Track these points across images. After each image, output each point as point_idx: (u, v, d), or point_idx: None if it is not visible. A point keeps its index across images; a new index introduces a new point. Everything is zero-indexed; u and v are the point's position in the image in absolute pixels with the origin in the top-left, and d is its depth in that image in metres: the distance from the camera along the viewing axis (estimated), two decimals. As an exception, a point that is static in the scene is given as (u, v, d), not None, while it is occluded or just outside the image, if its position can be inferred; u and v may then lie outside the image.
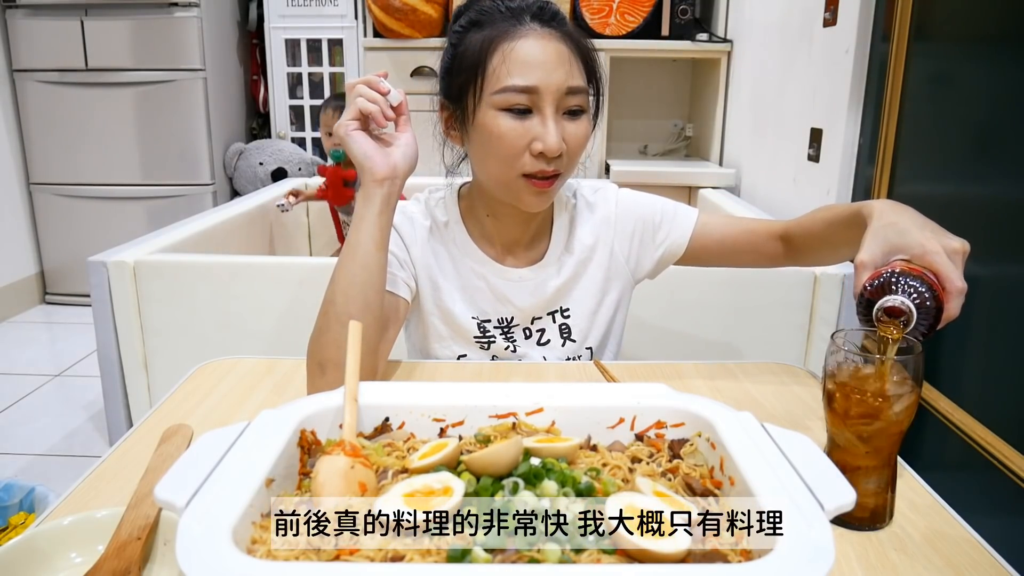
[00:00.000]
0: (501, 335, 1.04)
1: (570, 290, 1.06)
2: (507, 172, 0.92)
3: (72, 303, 3.30)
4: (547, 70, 0.89)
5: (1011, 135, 1.23)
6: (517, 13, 0.92)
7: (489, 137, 0.91)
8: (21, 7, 3.04)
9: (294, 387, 0.92)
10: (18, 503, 1.38)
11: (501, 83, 0.89)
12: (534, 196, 0.94)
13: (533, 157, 0.90)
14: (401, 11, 2.87)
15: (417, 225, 1.04)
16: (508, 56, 0.89)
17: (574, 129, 0.92)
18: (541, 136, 0.89)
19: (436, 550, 0.49)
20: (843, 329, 0.68)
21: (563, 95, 0.90)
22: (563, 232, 1.06)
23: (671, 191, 2.75)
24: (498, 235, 1.04)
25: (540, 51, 0.89)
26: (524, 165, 0.91)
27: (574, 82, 0.90)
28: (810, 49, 1.98)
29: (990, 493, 1.21)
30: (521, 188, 0.93)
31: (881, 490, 0.65)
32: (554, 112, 0.89)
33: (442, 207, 1.05)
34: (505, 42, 0.90)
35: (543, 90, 0.88)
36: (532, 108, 0.90)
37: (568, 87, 0.90)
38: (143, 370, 1.63)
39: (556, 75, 0.89)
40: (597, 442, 0.66)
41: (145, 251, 1.63)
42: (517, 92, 0.89)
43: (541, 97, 0.89)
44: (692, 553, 0.49)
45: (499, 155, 0.92)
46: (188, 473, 0.53)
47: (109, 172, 3.19)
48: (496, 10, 0.93)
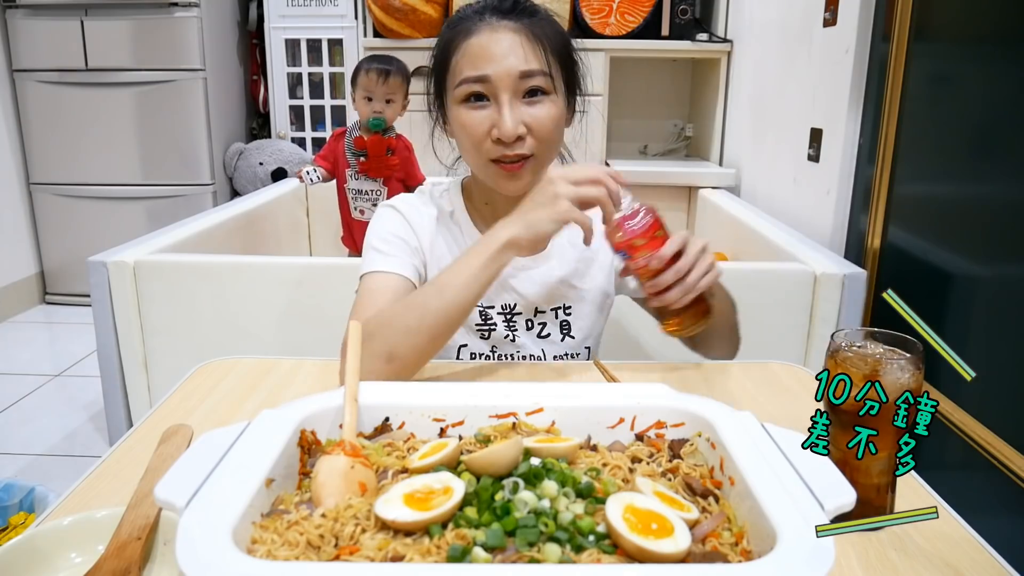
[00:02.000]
0: (503, 322, 1.05)
1: (574, 286, 1.08)
2: (477, 159, 0.98)
3: (72, 303, 3.30)
4: (498, 58, 0.93)
5: (1011, 135, 1.23)
6: (480, 10, 0.97)
7: (458, 129, 0.98)
8: (21, 7, 3.04)
9: (294, 387, 0.92)
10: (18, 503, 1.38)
11: (458, 77, 0.95)
12: (505, 180, 0.98)
13: (494, 143, 0.95)
14: (401, 11, 2.87)
15: (423, 214, 1.07)
16: (465, 51, 0.95)
17: (535, 112, 0.95)
18: (497, 123, 0.94)
19: (436, 550, 0.49)
20: (843, 329, 0.68)
21: (516, 79, 0.93)
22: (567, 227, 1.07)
23: (671, 191, 2.76)
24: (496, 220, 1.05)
25: (491, 42, 0.94)
26: (488, 151, 0.96)
27: (528, 66, 0.94)
28: (810, 49, 1.98)
29: (990, 493, 1.21)
30: (493, 173, 0.98)
31: (881, 490, 0.65)
32: (510, 98, 0.94)
33: (447, 198, 1.09)
34: (463, 39, 0.96)
35: (494, 78, 0.93)
36: (489, 96, 0.95)
37: (520, 71, 0.93)
38: (143, 370, 1.63)
39: (507, 62, 0.93)
40: (597, 442, 0.66)
41: (145, 251, 1.63)
42: (472, 83, 0.94)
43: (494, 85, 0.94)
44: (692, 553, 0.49)
45: (466, 145, 0.98)
46: (188, 473, 0.53)
47: (109, 172, 3.19)
48: (466, 11, 0.99)
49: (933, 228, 1.46)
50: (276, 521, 0.52)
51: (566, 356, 1.07)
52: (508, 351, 1.06)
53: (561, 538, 0.49)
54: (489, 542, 0.49)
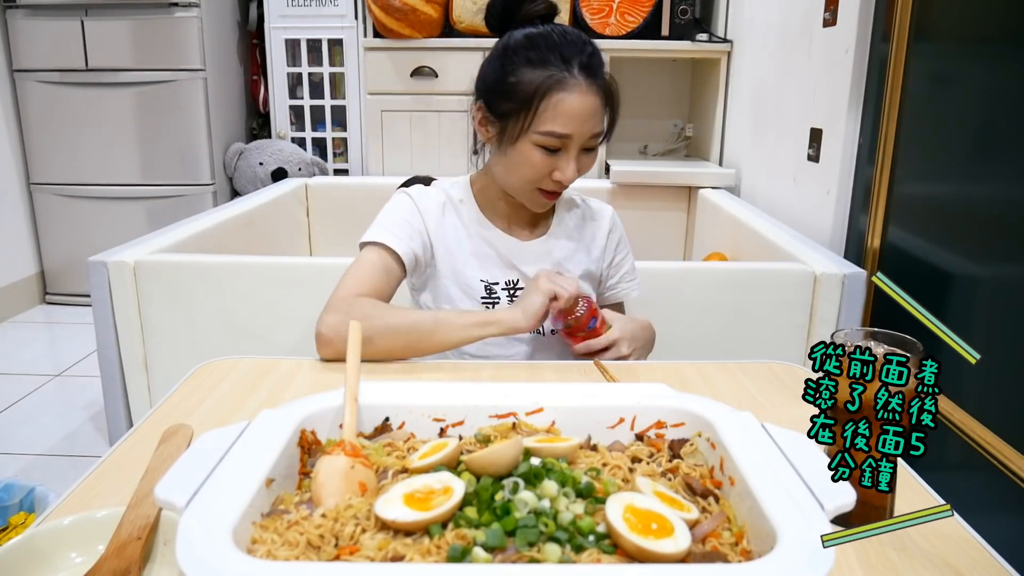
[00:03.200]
0: (507, 297, 1.18)
1: (570, 266, 1.21)
2: (525, 187, 1.12)
3: (72, 303, 3.30)
4: (582, 121, 1.06)
5: (1011, 135, 1.23)
6: (568, 59, 1.06)
7: (522, 162, 1.09)
8: (21, 7, 3.04)
9: (294, 387, 0.92)
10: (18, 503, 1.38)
11: (545, 126, 1.05)
12: (542, 204, 1.15)
13: (552, 181, 1.09)
14: (401, 11, 2.87)
15: (433, 200, 1.18)
16: (556, 105, 1.05)
17: (587, 161, 1.11)
18: (562, 169, 1.08)
19: (436, 550, 0.49)
20: (843, 329, 0.68)
21: (587, 139, 1.08)
22: (563, 222, 1.24)
23: (671, 191, 2.75)
24: (509, 214, 1.20)
25: (581, 106, 1.05)
26: (542, 184, 1.10)
27: (598, 128, 1.09)
28: (810, 49, 1.98)
29: (990, 493, 1.21)
30: (533, 196, 1.13)
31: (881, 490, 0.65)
32: (577, 152, 1.08)
33: (458, 188, 1.21)
34: (556, 92, 1.05)
35: (575, 137, 1.06)
36: (562, 148, 1.07)
37: (592, 134, 1.08)
38: (143, 370, 1.63)
39: (587, 125, 1.06)
40: (597, 442, 0.66)
41: (145, 251, 1.63)
42: (555, 137, 1.06)
43: (572, 141, 1.07)
44: (692, 553, 0.49)
45: (524, 176, 1.10)
46: (188, 473, 0.53)
47: (109, 172, 3.19)
48: (551, 52, 1.07)
49: (933, 228, 1.46)
50: (276, 521, 0.52)
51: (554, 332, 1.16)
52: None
53: (561, 538, 0.49)
54: (489, 542, 0.49)
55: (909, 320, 0.59)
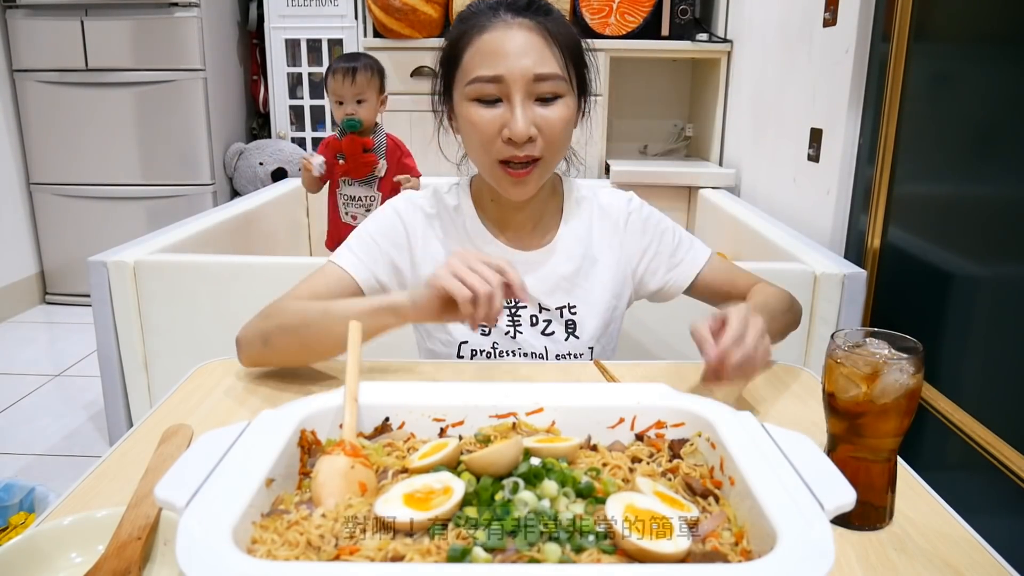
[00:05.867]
0: (507, 315, 1.05)
1: (578, 285, 1.07)
2: (484, 159, 0.97)
3: (72, 303, 3.30)
4: (513, 58, 0.91)
5: (1011, 135, 1.23)
6: (494, 6, 0.95)
7: (466, 126, 0.97)
8: (21, 7, 3.04)
9: (294, 387, 0.92)
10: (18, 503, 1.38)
11: (471, 74, 0.93)
12: (510, 184, 0.97)
13: (504, 143, 0.94)
14: (401, 11, 2.87)
15: (421, 213, 1.07)
16: (478, 48, 0.93)
17: (547, 113, 0.94)
18: (509, 123, 0.92)
19: (436, 550, 0.49)
20: (843, 329, 0.68)
21: (530, 82, 0.92)
22: (573, 222, 1.08)
23: (671, 191, 2.75)
24: (505, 220, 1.07)
25: (506, 40, 0.92)
26: (498, 151, 0.95)
27: (543, 69, 0.92)
28: (810, 49, 1.98)
29: (990, 493, 1.21)
30: (500, 176, 0.97)
31: (881, 490, 0.65)
32: (523, 99, 0.92)
33: (454, 193, 1.09)
34: (476, 35, 0.94)
35: (508, 78, 0.92)
36: (502, 97, 0.93)
37: (535, 74, 0.92)
38: (143, 370, 1.63)
39: (522, 62, 0.91)
40: (597, 442, 0.66)
41: (145, 251, 1.63)
42: (484, 82, 0.92)
43: (508, 85, 0.92)
44: (692, 553, 0.49)
45: (474, 143, 0.97)
46: (188, 473, 0.53)
47: (109, 172, 3.19)
48: (479, 5, 0.97)
49: (933, 228, 1.46)
50: (276, 521, 0.52)
51: (569, 356, 1.07)
52: (510, 347, 1.05)
53: (561, 538, 0.49)
54: (489, 542, 0.49)
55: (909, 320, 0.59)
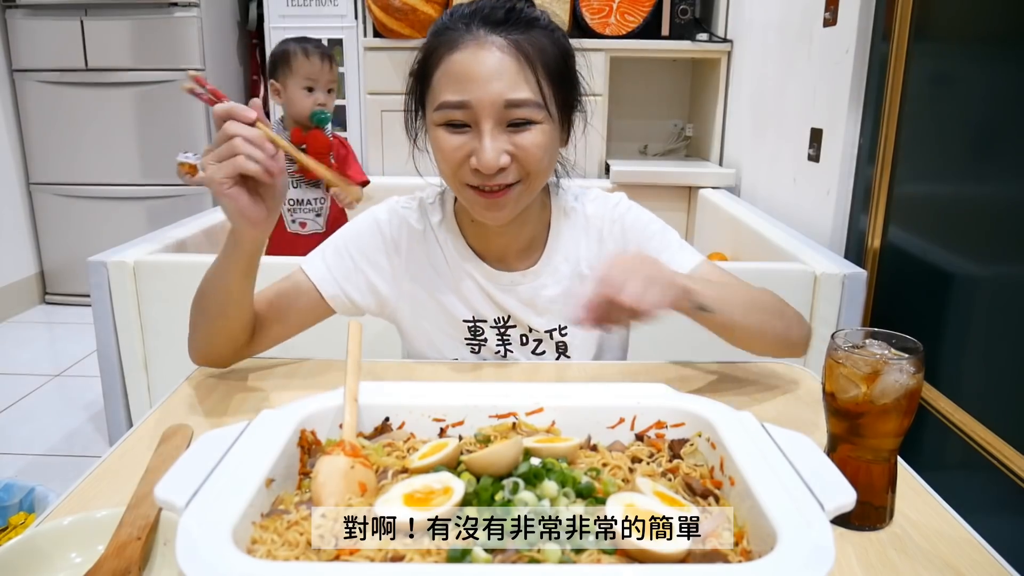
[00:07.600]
0: (496, 336, 1.01)
1: (567, 306, 1.00)
2: (454, 183, 0.91)
3: (72, 303, 3.30)
4: (482, 83, 0.83)
5: (1011, 135, 1.23)
6: (468, 17, 0.87)
7: (435, 150, 0.90)
8: (21, 7, 3.04)
9: (294, 387, 0.92)
10: (18, 503, 1.38)
11: (438, 98, 0.86)
12: (485, 208, 0.90)
13: (472, 171, 0.87)
14: (401, 11, 2.87)
15: (405, 225, 1.01)
16: (446, 69, 0.86)
17: (520, 140, 0.86)
18: (476, 152, 0.85)
19: (436, 550, 0.49)
20: (843, 329, 0.68)
21: (501, 108, 0.84)
22: (559, 240, 1.02)
23: (671, 191, 2.75)
24: (487, 239, 1.00)
25: (475, 62, 0.84)
26: (467, 177, 0.88)
27: (515, 94, 0.84)
28: (810, 49, 1.98)
29: (990, 493, 1.21)
30: (472, 199, 0.90)
31: (881, 490, 0.65)
32: (493, 127, 0.85)
33: (437, 206, 1.02)
34: (446, 53, 0.86)
35: (476, 105, 0.84)
36: (469, 123, 0.86)
37: (507, 100, 0.84)
38: (143, 370, 1.63)
39: (492, 87, 0.83)
40: (597, 442, 0.66)
41: (145, 251, 1.63)
42: (451, 108, 0.85)
43: (476, 112, 0.84)
44: (692, 553, 0.49)
45: (443, 169, 0.90)
46: (188, 473, 0.53)
47: (109, 172, 3.19)
48: (455, 14, 0.89)
49: (933, 228, 1.46)
50: (276, 521, 0.52)
51: None
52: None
53: (561, 538, 0.49)
54: (489, 542, 0.48)
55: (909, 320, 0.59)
